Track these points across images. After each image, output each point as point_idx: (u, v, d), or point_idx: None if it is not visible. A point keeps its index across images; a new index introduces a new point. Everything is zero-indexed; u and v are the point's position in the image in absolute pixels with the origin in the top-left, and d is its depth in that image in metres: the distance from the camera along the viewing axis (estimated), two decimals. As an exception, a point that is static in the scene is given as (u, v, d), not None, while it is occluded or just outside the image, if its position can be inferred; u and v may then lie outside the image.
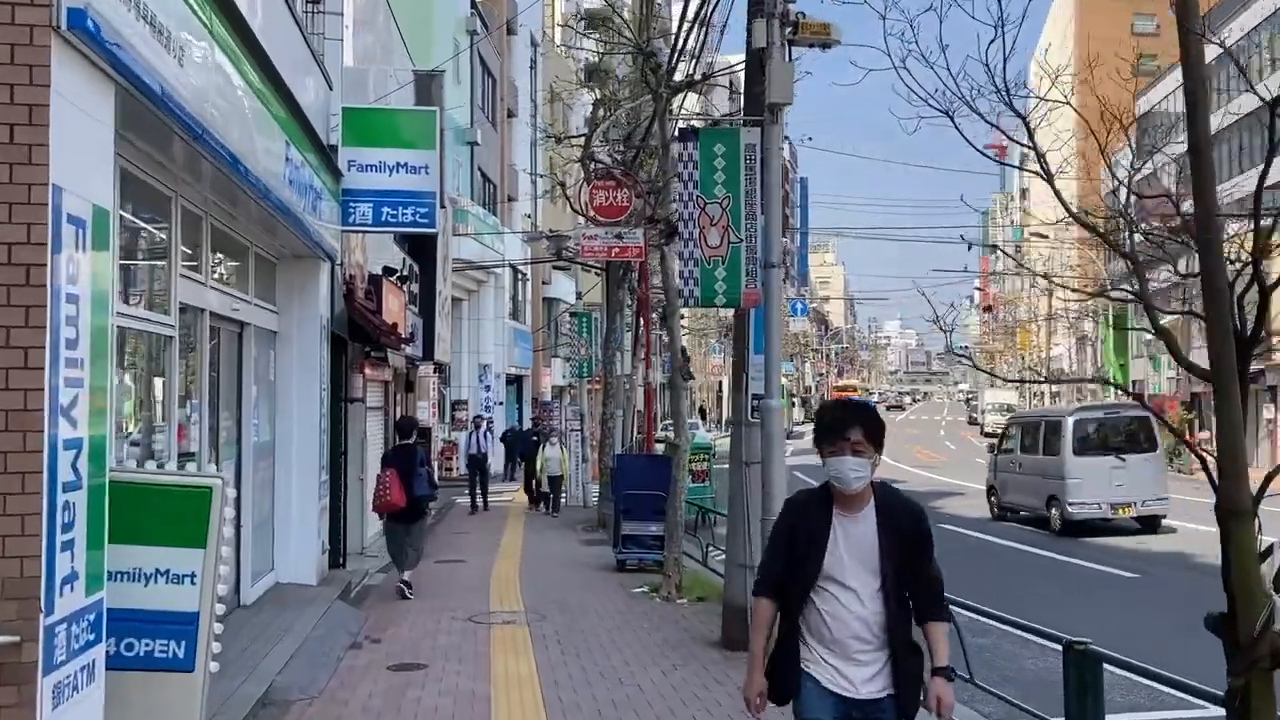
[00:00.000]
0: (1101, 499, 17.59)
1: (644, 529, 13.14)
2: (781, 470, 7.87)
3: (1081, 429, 18.74)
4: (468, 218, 28.51)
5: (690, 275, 7.99)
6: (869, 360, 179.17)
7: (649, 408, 17.02)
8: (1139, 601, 11.54)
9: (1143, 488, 17.83)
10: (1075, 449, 18.08)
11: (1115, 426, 19.14)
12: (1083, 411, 20.28)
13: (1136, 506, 17.68)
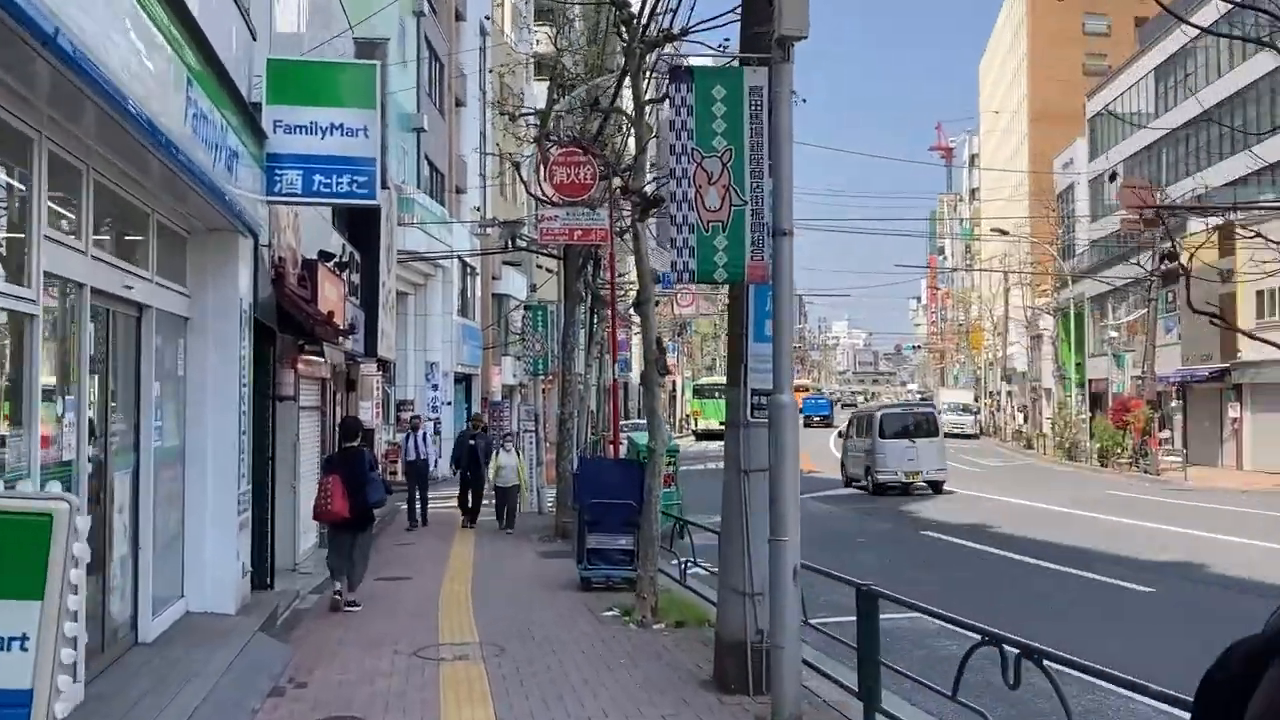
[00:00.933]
0: (899, 469, 25.42)
1: (612, 542, 11.77)
2: (794, 481, 6.52)
3: (886, 420, 26.64)
4: (414, 207, 26.98)
5: (685, 244, 6.61)
6: (819, 360, 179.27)
7: (615, 407, 15.59)
8: (1165, 619, 10.36)
9: (928, 462, 25.70)
10: (881, 434, 25.77)
11: (909, 419, 27.15)
12: (887, 409, 29.85)
13: (923, 475, 25.46)
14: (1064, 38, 77.36)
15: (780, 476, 6.50)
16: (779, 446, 6.51)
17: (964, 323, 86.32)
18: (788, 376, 6.58)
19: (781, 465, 6.51)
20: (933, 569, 13.85)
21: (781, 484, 6.50)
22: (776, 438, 6.52)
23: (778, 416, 6.52)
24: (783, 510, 6.49)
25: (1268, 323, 33.61)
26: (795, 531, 6.55)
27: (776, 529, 6.51)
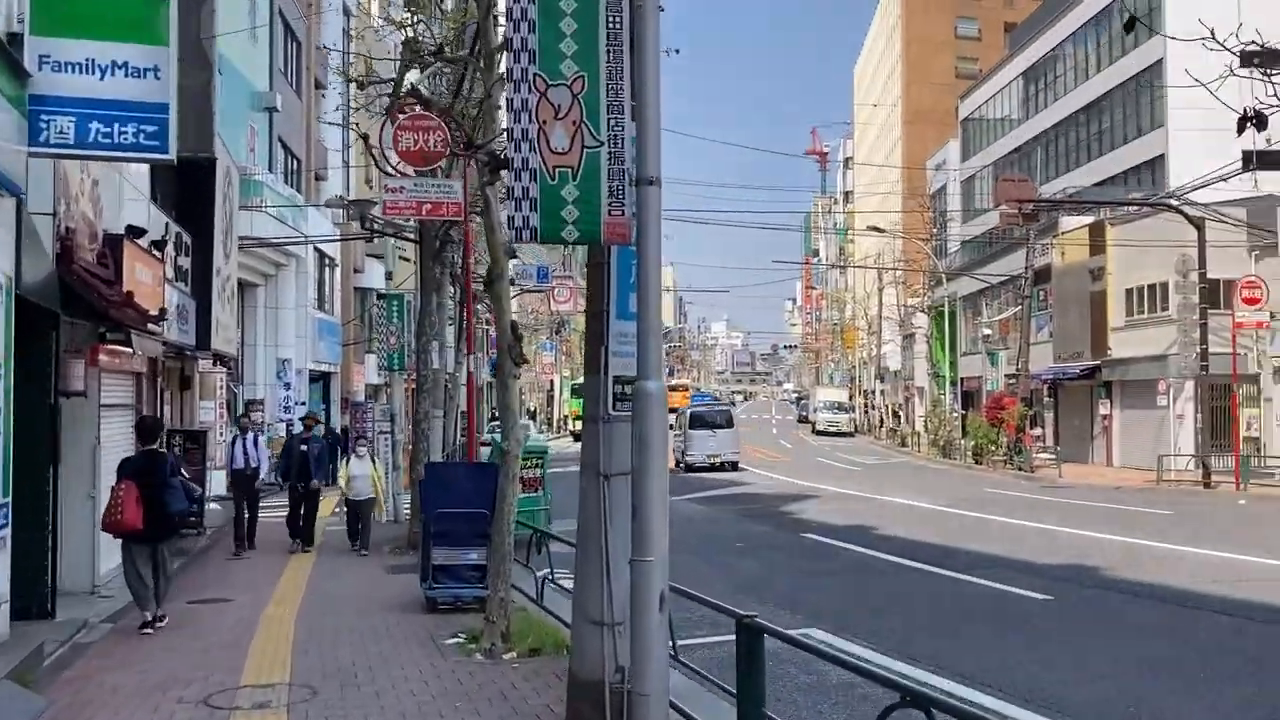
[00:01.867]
0: (702, 454, 33.33)
1: (461, 557, 10.37)
2: (661, 488, 5.26)
3: (693, 417, 35.23)
4: (262, 190, 25.01)
5: (525, 195, 5.29)
6: (699, 360, 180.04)
7: (470, 405, 14.16)
8: (1069, 630, 9.48)
9: (725, 448, 33.78)
10: (689, 426, 34.51)
11: (711, 414, 36.05)
12: (694, 408, 38.26)
13: (721, 458, 33.35)
14: (937, 42, 78.66)
15: (645, 482, 5.24)
16: (644, 445, 5.24)
17: (839, 322, 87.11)
18: (656, 359, 5.32)
19: (646, 468, 5.24)
20: (819, 577, 12.83)
21: (646, 491, 5.23)
22: (641, 434, 5.25)
23: (643, 408, 5.25)
24: (648, 523, 5.22)
25: (1135, 320, 33.99)
26: (662, 549, 5.29)
27: (640, 546, 5.24)
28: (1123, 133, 44.46)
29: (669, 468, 18.66)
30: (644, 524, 5.24)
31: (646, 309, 5.30)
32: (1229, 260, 28.39)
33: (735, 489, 25.83)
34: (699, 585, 12.72)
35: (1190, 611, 10.15)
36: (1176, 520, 18.45)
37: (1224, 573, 12.34)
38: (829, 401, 63.42)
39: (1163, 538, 15.69)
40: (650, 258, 5.28)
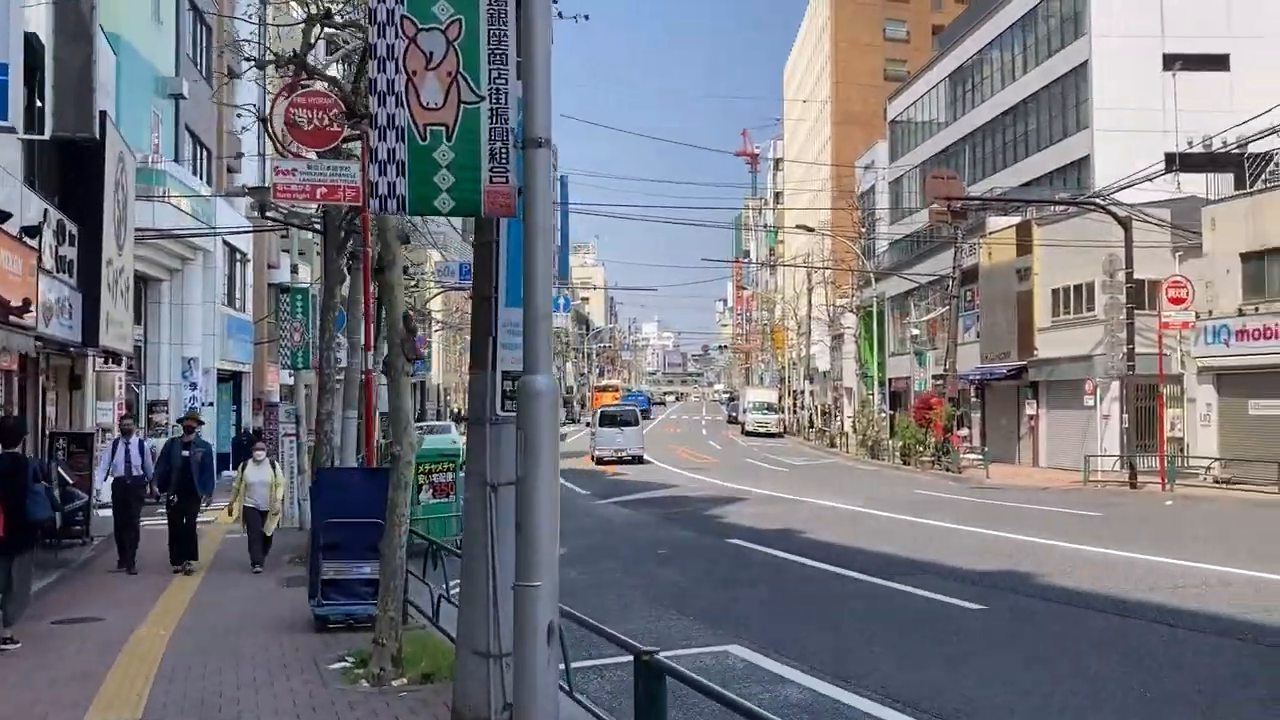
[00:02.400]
0: (610, 448, 37.84)
1: (354, 570, 9.50)
2: (551, 500, 4.51)
3: (603, 415, 40.98)
4: (166, 180, 23.75)
5: (391, 158, 4.52)
6: (629, 360, 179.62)
7: (369, 404, 13.26)
8: (1005, 644, 8.92)
9: (630, 444, 38.00)
10: (599, 424, 40.07)
11: (619, 413, 41.16)
12: (604, 407, 45.08)
13: (628, 452, 37.54)
14: (865, 44, 79.01)
15: (531, 494, 4.48)
16: (531, 451, 4.49)
17: (768, 323, 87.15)
18: (546, 350, 4.57)
19: (533, 478, 4.49)
20: (743, 586, 12.17)
21: (532, 505, 4.48)
22: (527, 438, 4.50)
23: (530, 408, 4.49)
24: (534, 543, 4.47)
25: (1062, 320, 34.04)
26: (551, 572, 4.55)
27: (525, 569, 4.49)
28: (1048, 134, 44.73)
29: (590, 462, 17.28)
30: (530, 543, 4.49)
31: (534, 291, 4.55)
32: (1153, 261, 28.47)
33: (661, 491, 25.18)
34: (618, 596, 12.02)
35: (1130, 622, 9.66)
36: (1106, 522, 18.17)
37: (1160, 579, 11.92)
38: (758, 402, 63.13)
39: (1094, 541, 15.32)
40: (538, 231, 4.53)
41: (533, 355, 4.54)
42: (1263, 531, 16.73)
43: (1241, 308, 26.59)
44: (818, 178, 78.73)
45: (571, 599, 11.75)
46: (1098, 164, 40.09)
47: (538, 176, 4.48)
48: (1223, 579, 11.80)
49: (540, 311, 4.54)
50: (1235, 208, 27.62)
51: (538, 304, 4.54)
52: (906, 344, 46.28)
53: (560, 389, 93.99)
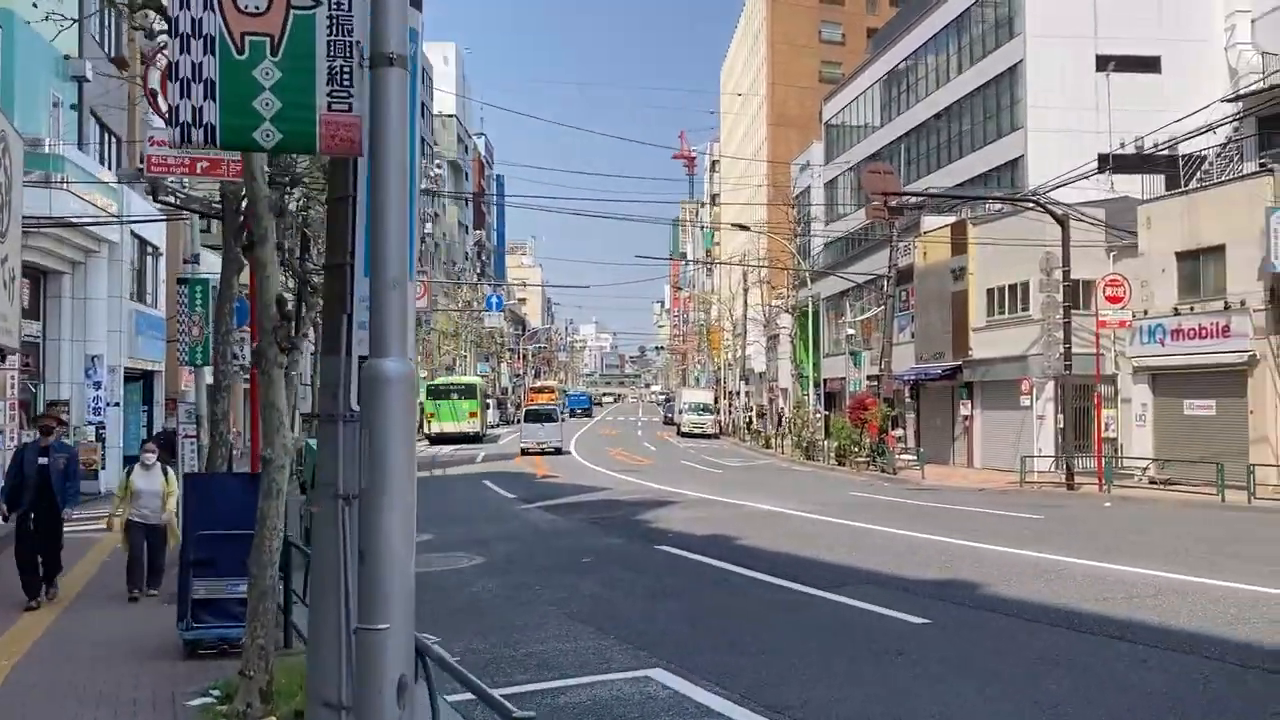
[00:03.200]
0: (534, 440, 42.87)
1: (230, 589, 8.42)
2: (404, 516, 3.55)
3: (528, 412, 47.49)
4: (64, 166, 22.31)
5: (197, 77, 3.53)
6: (566, 362, 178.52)
7: (254, 401, 12.06)
8: (953, 664, 8.12)
9: (550, 436, 43.11)
10: (526, 420, 46.04)
11: (542, 411, 46.56)
12: (530, 406, 53.02)
13: (549, 444, 42.67)
14: (800, 45, 78.86)
15: (378, 512, 3.52)
16: (378, 456, 3.52)
17: (705, 323, 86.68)
18: (399, 328, 3.60)
19: (381, 492, 3.52)
20: (670, 599, 11.26)
21: (379, 527, 3.52)
22: (375, 440, 3.53)
23: (378, 402, 3.53)
24: (381, 575, 3.51)
25: (997, 320, 33.72)
26: (404, 612, 3.59)
27: (369, 608, 3.53)
28: (982, 135, 44.63)
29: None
30: (376, 575, 3.52)
31: (384, 251, 3.58)
32: (1088, 261, 28.17)
33: (591, 495, 24.22)
34: (533, 612, 11.03)
35: (1085, 637, 8.92)
36: (1048, 526, 17.59)
37: (1112, 588, 11.25)
38: (694, 403, 62.40)
39: (1038, 546, 14.68)
40: (390, 173, 3.56)
41: (381, 333, 3.57)
42: (1205, 535, 16.24)
43: (1177, 307, 26.37)
44: (754, 179, 78.40)
45: (481, 615, 10.78)
46: (1031, 164, 40.00)
47: (390, 103, 3.52)
48: (1176, 588, 11.15)
49: (390, 277, 3.57)
50: (1170, 206, 27.42)
51: (389, 268, 3.57)
52: (842, 344, 45.82)
53: (494, 390, 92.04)
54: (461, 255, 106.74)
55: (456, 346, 76.56)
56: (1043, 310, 27.92)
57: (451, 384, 54.90)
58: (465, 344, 79.88)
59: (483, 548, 15.45)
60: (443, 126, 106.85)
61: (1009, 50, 42.37)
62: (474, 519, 19.49)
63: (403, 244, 3.62)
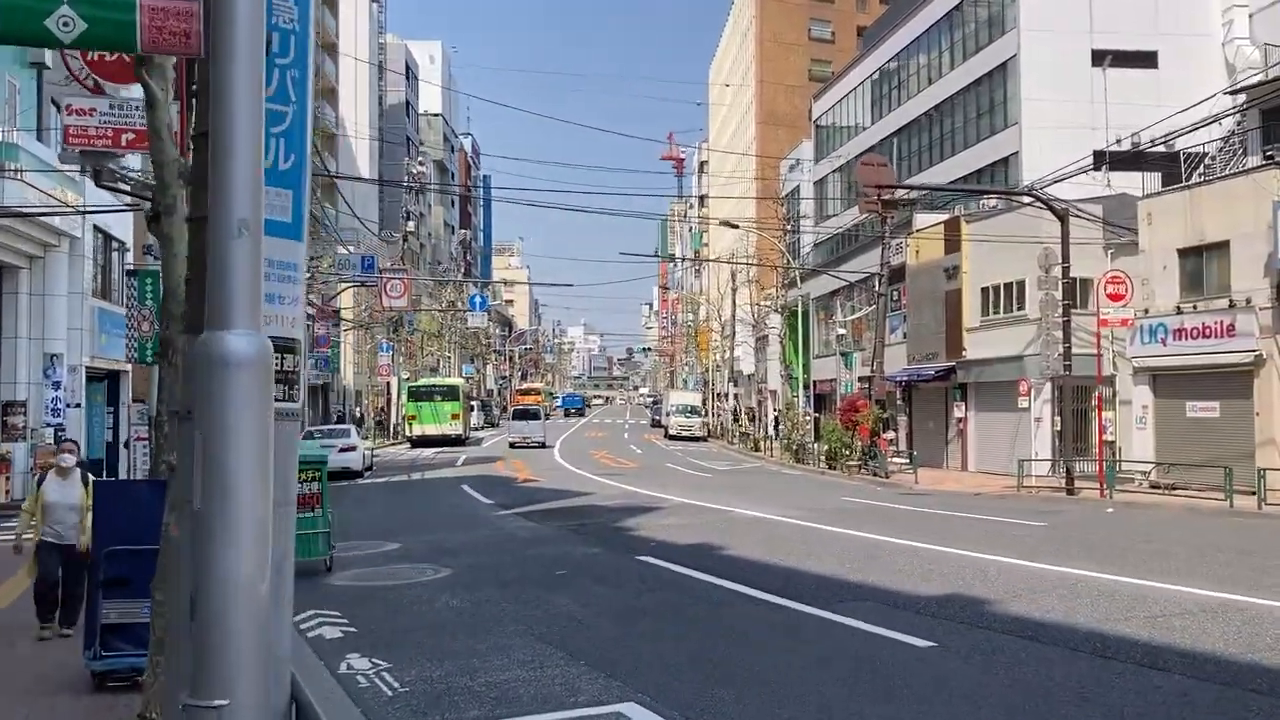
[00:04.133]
0: (520, 435, 48.60)
1: (145, 612, 7.38)
2: (255, 551, 2.56)
3: (515, 412, 54.14)
4: (18, 155, 21.31)
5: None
6: (553, 364, 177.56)
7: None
8: (965, 695, 7.15)
9: (534, 433, 48.59)
10: (513, 418, 52.37)
11: (527, 410, 52.77)
12: (517, 406, 60.12)
13: (533, 439, 48.06)
14: (790, 43, 78.01)
15: (213, 544, 2.53)
16: (216, 469, 2.54)
17: (693, 324, 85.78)
18: (249, 290, 2.61)
19: (219, 518, 2.53)
20: (648, 617, 10.27)
21: (215, 565, 2.53)
22: (210, 446, 2.54)
23: (215, 392, 2.54)
24: (215, 630, 2.51)
25: (991, 320, 32.84)
26: (255, 679, 2.59)
27: (203, 678, 2.53)
28: (975, 131, 43.82)
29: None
30: (210, 632, 2.52)
31: (227, 183, 2.59)
32: (1085, 259, 27.31)
33: (572, 500, 23.21)
34: (497, 634, 10.02)
35: (1113, 665, 7.95)
36: (1052, 533, 16.66)
37: (1131, 605, 10.30)
38: (681, 405, 61.43)
39: (1044, 556, 13.74)
40: (236, 78, 2.57)
41: (222, 296, 2.58)
42: (1220, 543, 15.32)
43: (1179, 305, 25.51)
44: (741, 182, 77.54)
45: (439, 636, 9.77)
46: (1025, 160, 39.21)
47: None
48: (1204, 605, 10.20)
49: (236, 219, 2.58)
50: (1172, 201, 26.56)
51: (233, 206, 2.58)
52: (832, 345, 44.93)
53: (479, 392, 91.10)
54: (447, 256, 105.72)
55: (440, 347, 75.48)
56: (1040, 309, 27.01)
57: (434, 385, 53.82)
58: (450, 345, 78.79)
59: (451, 558, 14.44)
60: (428, 126, 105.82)
61: (1002, 45, 41.56)
62: (446, 526, 18.49)
63: (255, 175, 2.63)
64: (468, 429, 55.41)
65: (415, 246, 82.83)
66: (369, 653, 8.95)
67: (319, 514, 13.34)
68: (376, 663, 8.60)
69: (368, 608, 11.05)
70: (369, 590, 12.15)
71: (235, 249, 2.57)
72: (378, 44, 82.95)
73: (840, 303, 47.08)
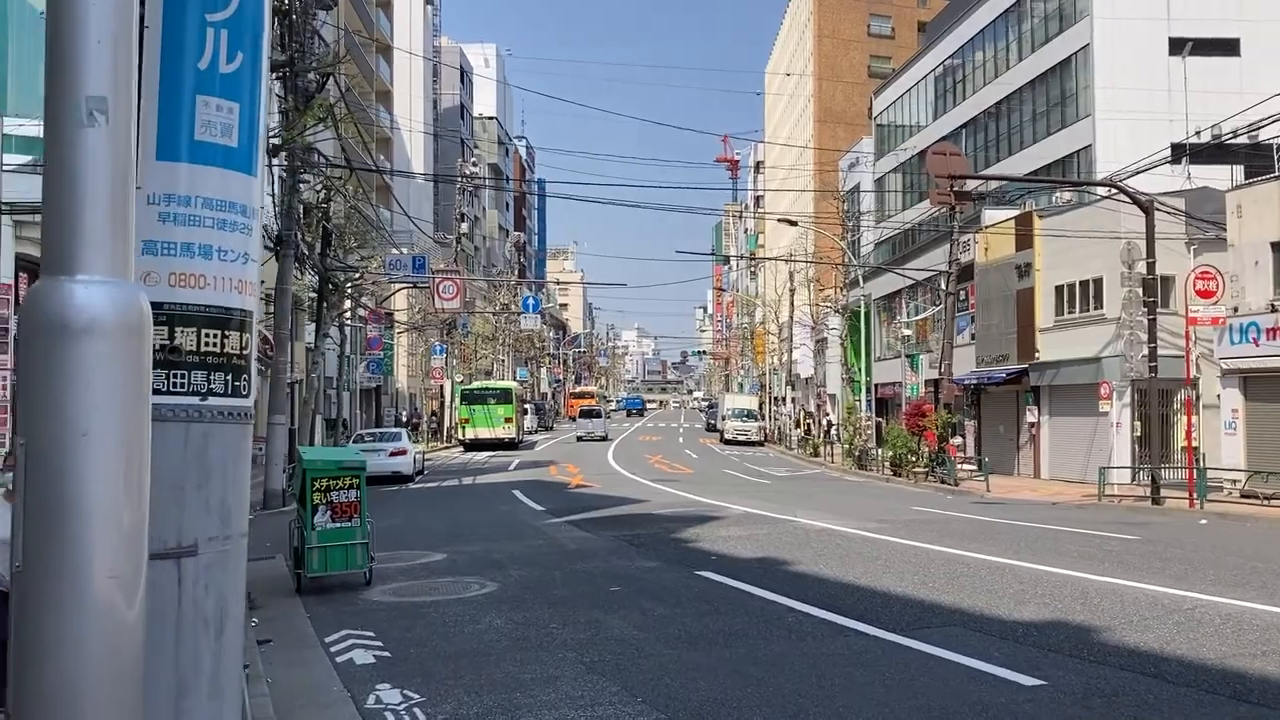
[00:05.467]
0: (586, 431, 59.05)
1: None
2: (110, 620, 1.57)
3: (582, 410, 65.82)
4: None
5: None
6: (607, 367, 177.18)
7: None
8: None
9: (598, 428, 59.12)
10: (580, 416, 63.64)
11: (592, 410, 64.32)
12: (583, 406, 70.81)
13: (595, 434, 58.21)
14: (849, 40, 76.55)
15: (44, 598, 1.55)
16: (41, 505, 1.56)
17: (748, 325, 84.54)
18: (108, 216, 1.63)
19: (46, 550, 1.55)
20: (712, 644, 9.22)
21: (45, 622, 1.55)
22: (36, 450, 1.57)
23: (49, 370, 1.57)
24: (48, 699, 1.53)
25: (1066, 320, 31.35)
26: None
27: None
28: (1044, 124, 42.23)
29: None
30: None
31: (69, 49, 1.59)
32: (1166, 256, 25.81)
33: (626, 508, 22.22)
34: (544, 660, 9.02)
35: (1262, 714, 6.76)
36: (1148, 548, 15.33)
37: (1267, 636, 9.05)
38: (738, 409, 60.21)
39: (1148, 575, 12.47)
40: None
41: (61, 222, 1.60)
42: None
43: (1274, 303, 23.91)
44: (800, 178, 76.16)
45: (480, 663, 8.79)
46: (1099, 154, 37.60)
47: None
48: (1350, 637, 8.93)
49: (79, 97, 1.60)
50: (1265, 192, 24.96)
51: (76, 75, 1.60)
52: (895, 347, 43.52)
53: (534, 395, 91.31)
54: (501, 259, 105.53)
55: (494, 351, 74.99)
56: (1123, 307, 25.53)
57: (487, 389, 53.13)
58: (503, 348, 78.30)
59: (498, 571, 13.51)
60: (483, 129, 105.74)
61: (1074, 35, 39.97)
62: (495, 535, 17.58)
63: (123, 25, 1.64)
64: (521, 432, 54.71)
65: (469, 249, 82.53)
66: (401, 682, 8.01)
67: (357, 523, 12.47)
68: (409, 695, 7.66)
69: (405, 628, 10.14)
70: (408, 607, 11.25)
71: (84, 145, 1.60)
72: (433, 47, 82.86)
73: (904, 303, 45.64)
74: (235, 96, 2.46)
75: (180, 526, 2.35)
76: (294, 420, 27.85)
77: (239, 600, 2.57)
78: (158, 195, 2.47)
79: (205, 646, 2.30)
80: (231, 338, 2.47)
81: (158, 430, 2.35)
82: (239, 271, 2.50)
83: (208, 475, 2.37)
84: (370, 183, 55.08)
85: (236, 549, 2.52)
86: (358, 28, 57.87)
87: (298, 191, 24.25)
